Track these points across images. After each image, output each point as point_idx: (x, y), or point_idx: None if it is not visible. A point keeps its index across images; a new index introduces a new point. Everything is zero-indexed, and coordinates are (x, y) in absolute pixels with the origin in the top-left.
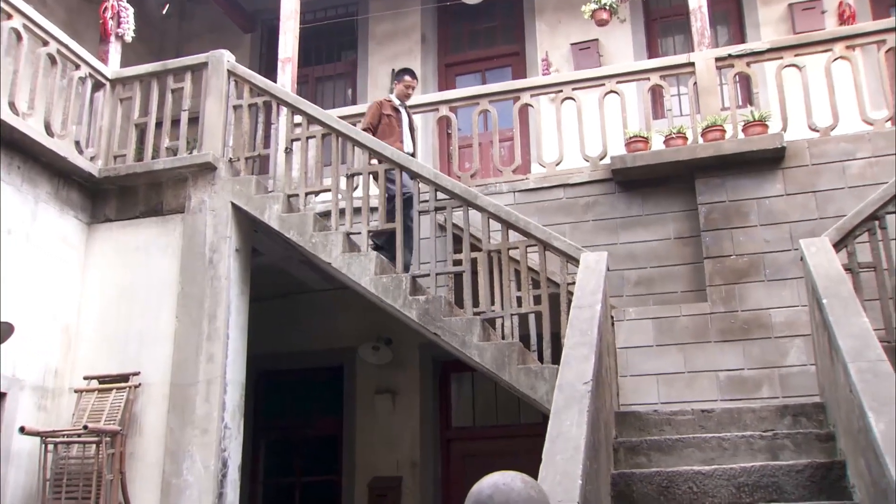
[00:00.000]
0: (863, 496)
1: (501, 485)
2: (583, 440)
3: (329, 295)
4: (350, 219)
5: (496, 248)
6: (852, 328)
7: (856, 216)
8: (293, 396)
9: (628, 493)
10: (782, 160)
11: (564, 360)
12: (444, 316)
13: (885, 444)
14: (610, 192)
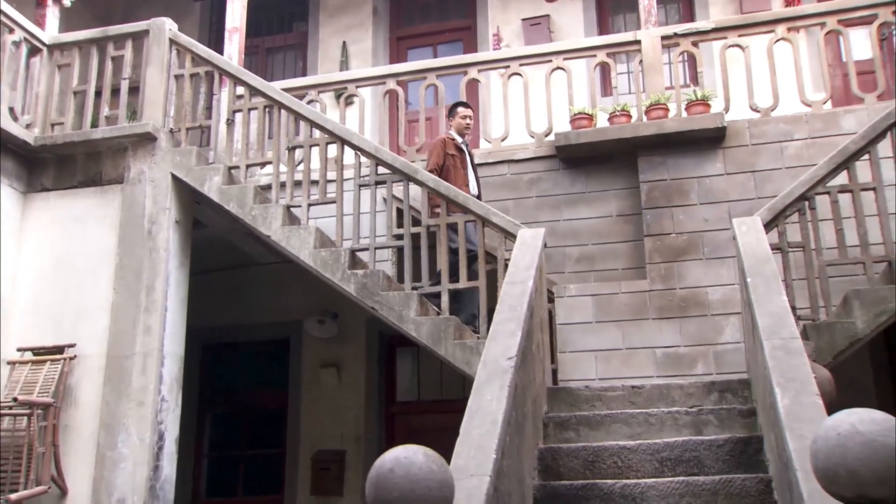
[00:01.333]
0: (773, 469)
1: (403, 458)
2: (501, 415)
3: (276, 268)
4: (291, 192)
5: (436, 224)
6: (771, 306)
7: (787, 196)
8: (239, 370)
9: (555, 468)
10: (723, 140)
11: (491, 336)
12: (382, 290)
13: (787, 419)
14: (554, 168)
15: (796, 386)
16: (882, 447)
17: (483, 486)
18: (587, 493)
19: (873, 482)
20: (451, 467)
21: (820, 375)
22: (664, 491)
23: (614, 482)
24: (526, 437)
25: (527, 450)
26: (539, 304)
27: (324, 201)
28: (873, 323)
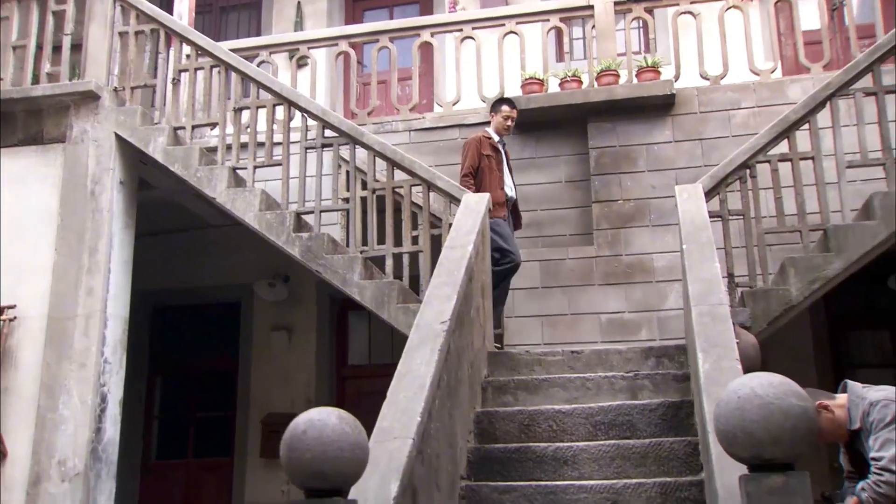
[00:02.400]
0: (700, 433)
1: (316, 420)
2: (429, 378)
3: (227, 231)
4: (237, 154)
5: (382, 187)
6: (703, 273)
7: (728, 164)
8: (190, 332)
9: (491, 431)
10: (672, 107)
11: (426, 300)
12: (327, 254)
13: (706, 383)
14: None
15: (718, 351)
16: (777, 410)
17: (405, 448)
18: (520, 456)
19: (767, 443)
20: (375, 429)
21: (745, 341)
22: (595, 454)
23: (547, 445)
24: (460, 401)
25: (461, 413)
26: (481, 268)
27: (270, 163)
28: (807, 290)
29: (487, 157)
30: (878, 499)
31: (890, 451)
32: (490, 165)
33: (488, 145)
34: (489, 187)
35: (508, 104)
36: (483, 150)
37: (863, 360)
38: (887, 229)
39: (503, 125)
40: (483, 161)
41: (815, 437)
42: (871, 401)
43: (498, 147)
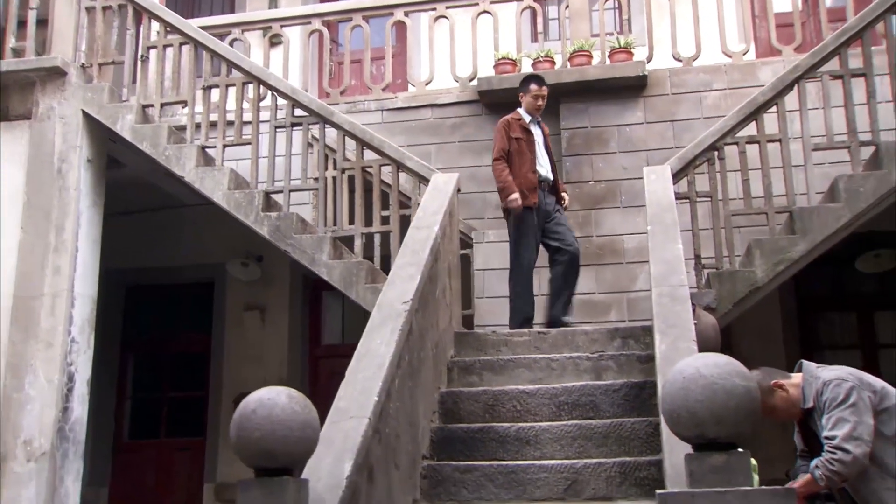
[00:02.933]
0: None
1: (266, 399)
2: (388, 359)
3: (200, 210)
4: (206, 132)
5: (351, 167)
6: (665, 254)
7: (697, 146)
8: (163, 312)
9: (455, 411)
10: (644, 88)
11: (389, 280)
12: (296, 233)
13: (661, 363)
14: (477, 113)
15: (675, 332)
16: (721, 389)
17: (361, 427)
18: (483, 436)
19: (711, 422)
20: (332, 409)
21: (705, 323)
22: (557, 434)
23: (510, 425)
24: (423, 381)
25: (424, 393)
26: (448, 249)
27: (239, 142)
28: (772, 272)
29: (517, 139)
30: (831, 477)
31: (843, 429)
32: (520, 148)
33: (518, 127)
34: (517, 172)
35: (537, 82)
36: (512, 133)
37: (831, 341)
38: (851, 212)
39: (533, 105)
40: (512, 144)
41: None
42: (825, 380)
43: (529, 128)
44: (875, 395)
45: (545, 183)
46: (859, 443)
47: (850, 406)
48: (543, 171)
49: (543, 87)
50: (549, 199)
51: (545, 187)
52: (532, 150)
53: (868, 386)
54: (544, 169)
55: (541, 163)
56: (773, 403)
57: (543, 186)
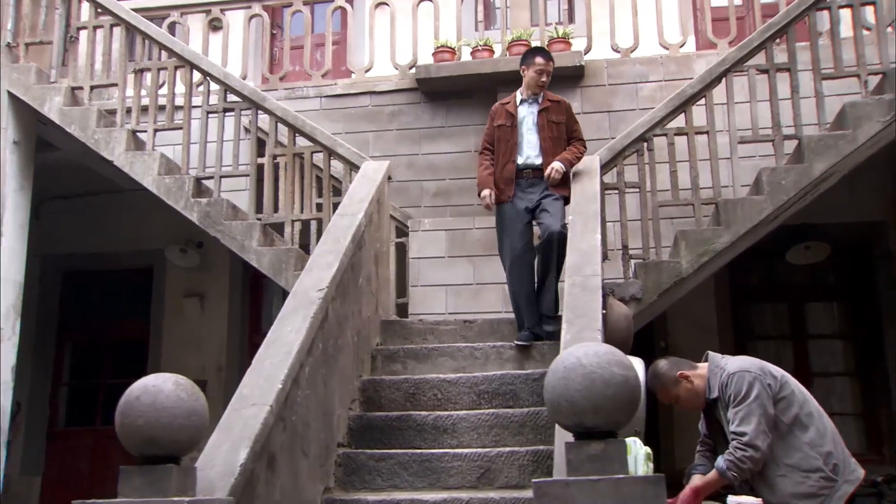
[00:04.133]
0: None
1: (151, 386)
2: (297, 346)
3: (139, 195)
4: (137, 116)
5: (282, 153)
6: (583, 244)
7: (626, 137)
8: (101, 298)
9: (377, 399)
10: (581, 78)
11: (307, 268)
12: (226, 219)
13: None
14: (415, 101)
15: (582, 322)
16: (599, 379)
17: (261, 414)
18: (401, 424)
19: (589, 411)
20: (235, 396)
21: (617, 313)
22: (475, 422)
23: (428, 413)
24: (341, 369)
25: (342, 381)
26: (375, 236)
27: (171, 127)
28: (696, 263)
29: (500, 126)
30: (743, 472)
31: (751, 424)
32: (501, 136)
33: (503, 113)
34: (497, 163)
35: (543, 56)
36: (496, 121)
37: (763, 331)
38: (773, 204)
39: (536, 81)
40: (496, 133)
41: (637, 405)
42: (729, 372)
43: (515, 112)
44: (775, 382)
45: (528, 171)
46: (766, 437)
47: (755, 399)
48: (523, 158)
49: (550, 63)
50: (534, 189)
51: (528, 176)
52: (514, 136)
53: (769, 375)
54: (525, 155)
55: (523, 149)
56: (677, 393)
57: (526, 175)
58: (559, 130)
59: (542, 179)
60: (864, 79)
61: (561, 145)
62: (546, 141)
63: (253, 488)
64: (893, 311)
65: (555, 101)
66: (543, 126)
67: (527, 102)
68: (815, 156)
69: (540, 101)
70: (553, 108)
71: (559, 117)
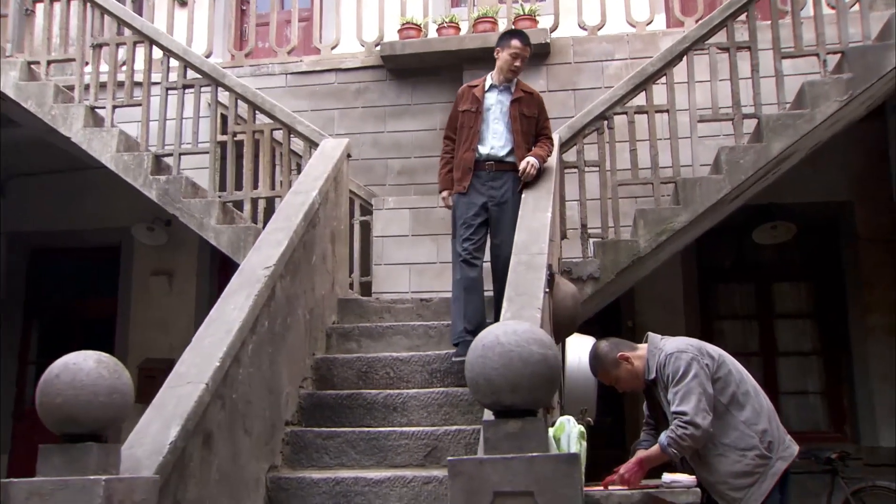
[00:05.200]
0: None
1: (71, 364)
2: (238, 324)
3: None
4: (95, 92)
5: (242, 131)
6: (533, 223)
7: (586, 115)
8: (68, 276)
9: (329, 378)
10: (547, 56)
11: (256, 245)
12: (185, 197)
13: None
14: (381, 79)
15: (523, 300)
16: (517, 357)
17: (196, 393)
18: (351, 403)
19: (506, 390)
20: (171, 374)
21: (564, 291)
22: (425, 401)
23: (378, 392)
24: (290, 347)
25: (291, 360)
26: (332, 215)
27: (130, 103)
28: (654, 242)
29: (465, 112)
30: (683, 450)
31: (690, 403)
32: (464, 122)
33: (469, 96)
34: (458, 150)
35: (521, 39)
36: (461, 105)
37: (730, 311)
38: (731, 184)
39: (510, 64)
40: (460, 119)
41: (556, 384)
42: (667, 353)
43: (480, 97)
44: (713, 362)
45: (490, 163)
46: (706, 414)
47: (693, 377)
48: (486, 149)
49: (527, 49)
50: (496, 183)
51: (490, 168)
52: (477, 123)
53: (707, 355)
54: (489, 146)
55: (486, 138)
56: (617, 375)
57: (488, 167)
58: (529, 125)
59: (506, 173)
60: (822, 58)
61: (529, 142)
62: (517, 134)
63: (185, 466)
64: (858, 291)
65: (528, 92)
66: (515, 117)
67: (497, 89)
68: (773, 135)
69: (513, 90)
70: (526, 100)
71: (531, 110)
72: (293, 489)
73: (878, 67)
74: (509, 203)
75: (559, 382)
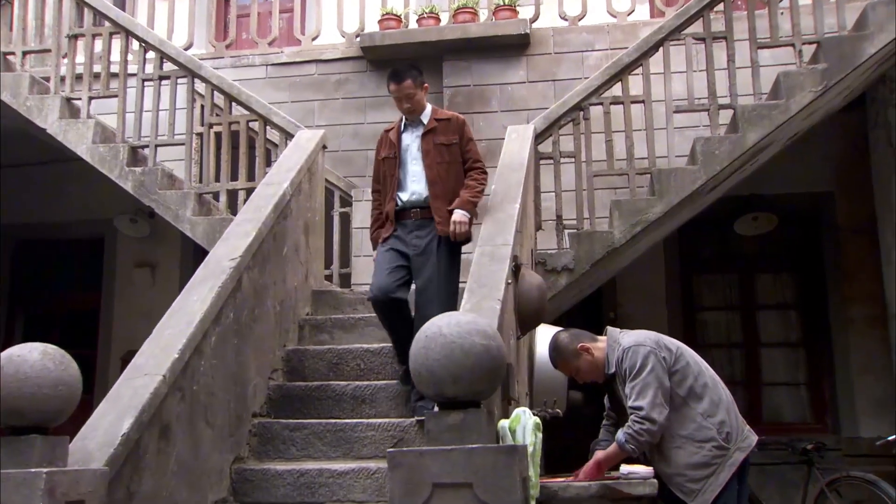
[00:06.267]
0: None
1: (16, 356)
2: (200, 315)
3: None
4: (71, 83)
5: (218, 122)
6: (500, 214)
7: (562, 105)
8: (53, 268)
9: (300, 369)
10: (527, 47)
11: (223, 237)
12: (161, 189)
13: None
14: (361, 70)
15: (484, 291)
16: (458, 349)
17: (152, 384)
18: (320, 394)
19: (448, 381)
20: (129, 366)
21: (529, 283)
22: (393, 393)
23: (347, 383)
24: (258, 339)
25: (259, 351)
26: (306, 206)
27: (105, 95)
28: (629, 233)
29: (384, 160)
30: (642, 445)
31: (646, 398)
32: (385, 170)
33: (386, 143)
34: (383, 202)
35: (393, 80)
36: (380, 155)
37: (713, 302)
38: (706, 174)
39: (399, 108)
40: (381, 168)
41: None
42: (624, 347)
43: (395, 141)
44: (670, 355)
45: (415, 211)
46: (662, 409)
47: (650, 372)
48: (407, 195)
49: (403, 84)
50: (421, 232)
51: (415, 216)
52: (396, 170)
53: (664, 347)
54: (409, 192)
55: (407, 184)
56: (577, 365)
57: (413, 216)
58: (451, 154)
59: (433, 221)
60: (798, 48)
61: (455, 171)
62: (432, 169)
63: (139, 458)
64: (839, 282)
65: (444, 119)
66: (429, 151)
67: (410, 127)
68: (748, 126)
69: (426, 123)
70: (441, 128)
71: (449, 137)
72: (257, 480)
73: (853, 57)
74: (434, 253)
75: (503, 374)
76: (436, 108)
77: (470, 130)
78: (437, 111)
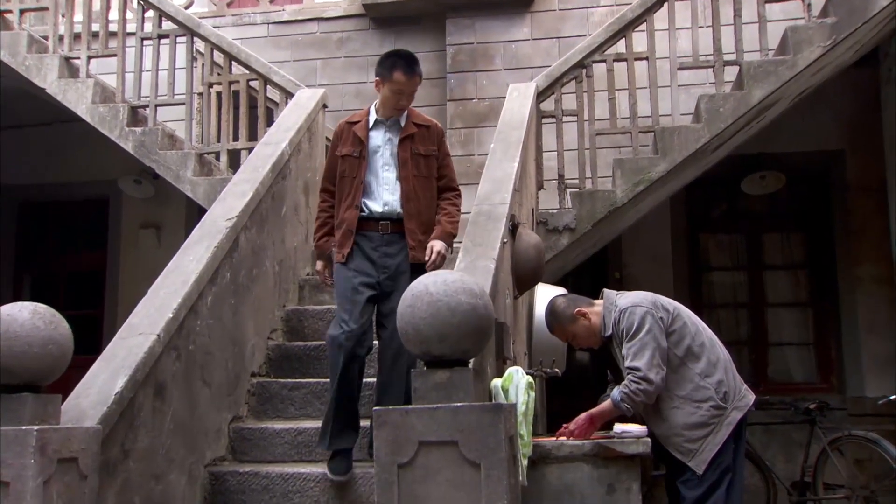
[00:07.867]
0: None
1: (6, 315)
2: (195, 275)
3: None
4: (70, 42)
5: (218, 81)
6: (497, 172)
7: (564, 63)
8: (58, 230)
9: (300, 329)
10: (532, 4)
11: (221, 196)
12: (161, 149)
13: None
14: (364, 28)
15: (478, 250)
16: (445, 307)
17: (146, 343)
18: (320, 354)
19: (434, 340)
20: (123, 326)
21: (526, 242)
22: None
23: None
24: (256, 299)
25: (258, 311)
26: (306, 166)
27: (104, 54)
28: (631, 192)
29: (345, 157)
30: (633, 406)
31: (644, 358)
32: (345, 171)
33: (350, 137)
34: (338, 209)
35: (405, 70)
36: (340, 150)
37: (720, 262)
38: (710, 132)
39: (393, 103)
40: (339, 166)
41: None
42: (621, 308)
43: (363, 138)
44: (667, 315)
45: (385, 224)
46: (659, 370)
47: (647, 332)
48: (378, 205)
49: (414, 80)
50: (391, 249)
51: (384, 230)
52: (361, 172)
53: (661, 307)
54: (381, 202)
55: (379, 193)
56: (574, 331)
57: (382, 229)
58: (428, 167)
59: (404, 239)
60: (807, 1)
61: (430, 188)
62: (408, 181)
63: (134, 416)
64: (847, 241)
65: (423, 125)
66: (406, 161)
67: (384, 125)
68: (754, 82)
69: (403, 125)
70: (420, 136)
71: (428, 148)
72: (256, 439)
73: (864, 11)
74: (405, 275)
75: (490, 333)
76: (412, 109)
77: (447, 144)
78: (414, 113)
